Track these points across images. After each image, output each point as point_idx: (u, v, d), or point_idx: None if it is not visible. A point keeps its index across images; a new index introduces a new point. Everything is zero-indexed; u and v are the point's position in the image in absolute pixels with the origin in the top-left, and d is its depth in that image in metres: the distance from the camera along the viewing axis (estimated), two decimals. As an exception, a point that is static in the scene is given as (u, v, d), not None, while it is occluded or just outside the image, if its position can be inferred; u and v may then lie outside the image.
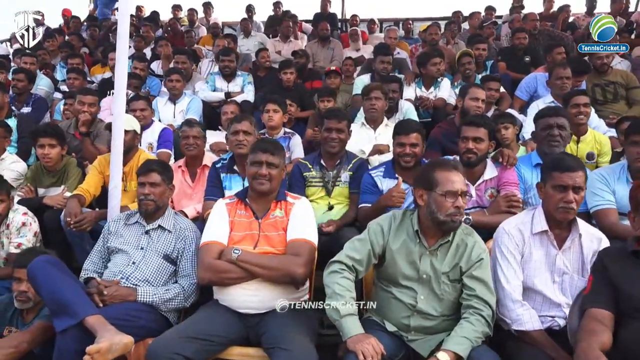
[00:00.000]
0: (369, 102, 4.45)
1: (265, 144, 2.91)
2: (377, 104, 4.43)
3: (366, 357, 2.13)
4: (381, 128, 4.43)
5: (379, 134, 4.36)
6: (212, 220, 2.83)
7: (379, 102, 4.44)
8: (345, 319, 2.31)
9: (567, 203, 2.43)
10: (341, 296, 2.37)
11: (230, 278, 2.63)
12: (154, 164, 3.14)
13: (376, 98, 4.44)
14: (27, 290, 2.83)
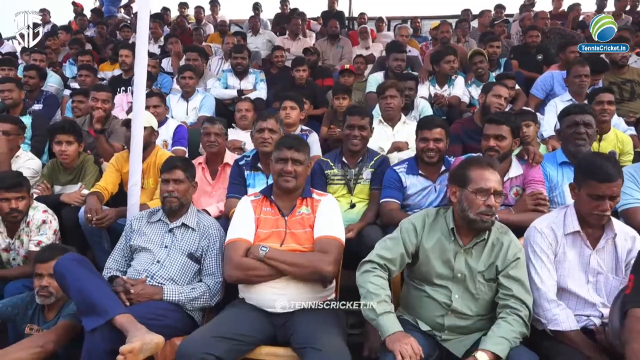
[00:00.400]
0: (385, 100, 4.40)
1: (290, 140, 2.87)
2: (393, 102, 4.38)
3: (404, 357, 2.09)
4: (399, 125, 4.39)
5: (397, 132, 4.32)
6: (238, 217, 2.79)
7: (395, 100, 4.39)
8: (382, 317, 2.27)
9: (603, 211, 2.38)
10: (376, 295, 2.33)
11: (257, 276, 2.59)
12: (178, 160, 3.10)
13: (391, 96, 4.39)
14: (48, 285, 2.80)
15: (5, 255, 3.34)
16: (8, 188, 3.16)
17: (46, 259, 2.81)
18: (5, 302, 2.91)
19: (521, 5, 9.41)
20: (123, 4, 11.60)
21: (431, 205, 3.46)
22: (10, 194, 3.17)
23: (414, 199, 3.48)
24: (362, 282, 2.41)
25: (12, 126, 4.25)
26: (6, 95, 5.06)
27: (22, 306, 2.91)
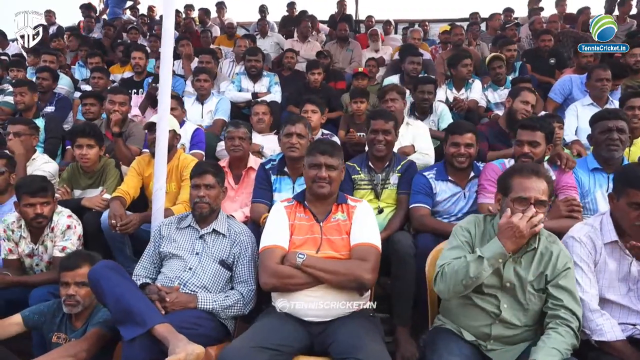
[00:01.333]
0: (386, 104, 4.36)
1: (324, 145, 2.82)
2: (395, 105, 4.34)
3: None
4: (403, 128, 4.27)
5: (402, 135, 4.18)
6: (272, 223, 2.73)
7: (396, 103, 4.35)
8: (482, 251, 2.28)
9: None
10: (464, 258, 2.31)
11: (295, 284, 2.53)
12: (209, 165, 3.04)
13: (392, 99, 4.36)
14: (75, 293, 2.72)
15: (29, 260, 3.27)
16: (33, 193, 3.10)
17: (72, 266, 2.74)
18: (32, 310, 2.84)
19: (530, 9, 9.37)
20: (128, 5, 11.52)
21: (460, 212, 3.42)
22: (35, 199, 3.10)
23: (443, 205, 3.43)
24: (447, 278, 2.32)
25: (23, 127, 4.20)
26: (19, 99, 5.00)
27: (49, 314, 2.84)
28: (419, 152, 4.03)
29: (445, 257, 2.45)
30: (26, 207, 3.11)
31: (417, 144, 4.14)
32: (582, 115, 4.69)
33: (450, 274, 2.31)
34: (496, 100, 5.66)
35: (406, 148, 4.10)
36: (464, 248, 2.43)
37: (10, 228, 3.23)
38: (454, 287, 2.31)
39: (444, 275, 2.34)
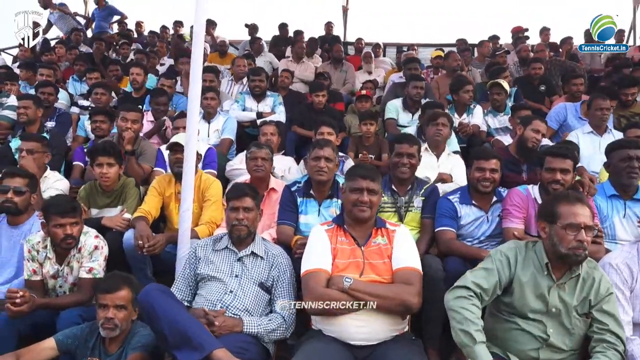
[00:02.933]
0: (436, 127, 4.41)
1: (365, 170, 2.86)
2: (444, 131, 4.41)
3: None
4: (444, 157, 4.40)
5: (442, 163, 4.32)
6: (314, 246, 2.75)
7: (445, 129, 4.43)
8: (478, 346, 2.28)
9: None
10: (473, 323, 2.33)
11: (341, 308, 2.54)
12: (247, 187, 3.04)
13: (443, 124, 4.42)
14: (113, 317, 2.66)
15: (53, 282, 3.19)
16: (63, 213, 3.03)
17: (111, 289, 2.69)
18: (65, 334, 2.77)
19: (515, 37, 9.69)
20: (115, 20, 11.42)
21: (483, 236, 3.50)
22: (65, 220, 3.04)
23: (466, 229, 3.51)
24: (456, 307, 2.39)
25: (36, 144, 4.12)
26: (22, 112, 4.90)
27: (82, 338, 2.77)
28: (456, 183, 4.11)
29: (475, 274, 2.51)
30: (56, 228, 3.04)
31: (455, 174, 4.23)
32: (582, 143, 4.89)
33: (455, 314, 2.38)
34: (496, 126, 5.81)
35: (445, 175, 4.18)
36: (493, 274, 2.48)
37: (35, 248, 3.15)
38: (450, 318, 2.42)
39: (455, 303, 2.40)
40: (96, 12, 11.30)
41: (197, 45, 3.36)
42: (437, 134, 4.46)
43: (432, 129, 4.51)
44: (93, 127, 5.00)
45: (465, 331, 2.31)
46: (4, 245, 3.44)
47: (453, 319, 2.39)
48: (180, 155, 3.68)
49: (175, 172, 3.75)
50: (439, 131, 4.47)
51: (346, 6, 11.84)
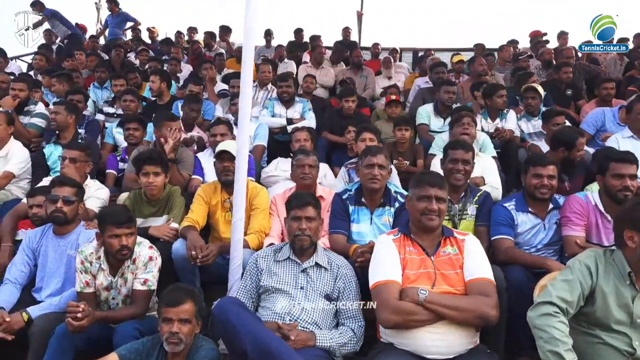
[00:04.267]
0: (462, 127, 4.36)
1: (433, 178, 2.79)
2: (470, 131, 4.35)
3: None
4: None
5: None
6: (383, 256, 2.68)
7: (471, 129, 4.37)
8: None
9: None
10: (563, 342, 2.24)
11: (417, 320, 2.47)
12: (309, 196, 2.97)
13: (468, 124, 4.37)
14: (178, 331, 2.58)
15: (105, 294, 3.11)
16: (119, 224, 2.96)
17: (176, 302, 2.60)
18: (127, 349, 2.68)
19: (534, 41, 9.63)
20: (129, 26, 11.37)
21: (540, 244, 3.42)
22: (121, 230, 2.96)
23: (523, 237, 3.43)
24: (543, 325, 2.31)
25: (79, 153, 4.06)
26: (53, 117, 4.85)
27: (144, 352, 2.68)
28: (489, 185, 4.03)
29: (557, 287, 2.41)
30: (111, 239, 2.96)
31: (487, 177, 4.14)
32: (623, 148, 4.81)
33: (542, 333, 2.30)
34: (530, 131, 5.72)
35: (477, 179, 4.09)
36: (576, 285, 2.40)
37: (88, 260, 3.07)
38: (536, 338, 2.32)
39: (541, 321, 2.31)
40: (109, 18, 11.24)
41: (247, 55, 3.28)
42: (464, 134, 4.39)
43: (458, 129, 4.46)
44: (126, 134, 4.94)
45: (554, 352, 2.22)
46: (50, 255, 3.37)
47: (540, 339, 2.30)
48: (228, 163, 3.63)
49: (223, 180, 3.67)
50: (465, 130, 4.40)
51: (360, 11, 11.78)
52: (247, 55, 3.31)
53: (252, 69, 3.36)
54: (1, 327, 2.92)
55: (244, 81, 3.31)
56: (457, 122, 4.43)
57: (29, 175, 4.82)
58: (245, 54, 3.32)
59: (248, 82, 3.32)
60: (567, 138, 4.21)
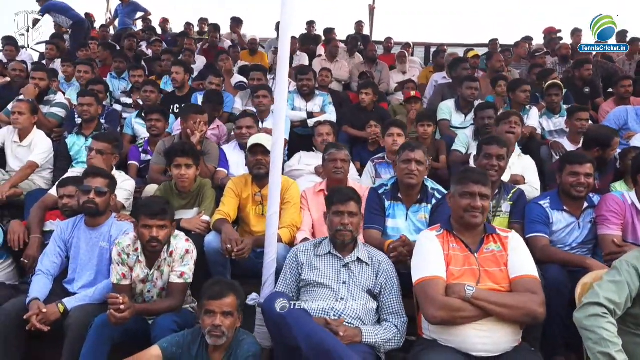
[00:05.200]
0: (509, 125, 4.31)
1: (476, 175, 2.77)
2: (516, 130, 4.32)
3: None
4: (514, 158, 4.28)
5: (513, 164, 4.21)
6: (427, 252, 2.66)
7: (517, 128, 4.33)
8: None
9: None
10: (613, 343, 2.22)
11: (464, 317, 2.45)
12: (351, 191, 2.95)
13: (515, 123, 4.33)
14: (221, 324, 2.56)
15: (141, 286, 3.08)
16: (152, 215, 2.93)
17: (219, 295, 2.59)
18: (169, 342, 2.66)
19: (548, 38, 9.59)
20: (139, 16, 11.29)
21: (575, 242, 3.40)
22: (153, 222, 2.93)
23: (558, 236, 3.41)
24: (592, 326, 2.29)
25: (106, 145, 4.03)
26: (85, 109, 4.80)
27: (185, 345, 2.67)
28: (529, 185, 4.02)
29: (605, 288, 2.37)
30: (143, 229, 2.94)
31: (527, 176, 4.13)
32: (649, 145, 4.80)
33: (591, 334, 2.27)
34: (551, 129, 5.70)
35: (518, 177, 4.08)
36: (623, 287, 2.37)
37: (125, 252, 3.04)
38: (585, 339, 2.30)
39: (590, 322, 2.29)
40: (119, 8, 11.16)
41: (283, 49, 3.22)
42: (510, 133, 4.36)
43: (505, 127, 4.39)
44: (148, 125, 4.91)
45: (605, 353, 2.20)
46: (82, 247, 3.34)
47: (589, 340, 2.27)
48: (261, 157, 3.61)
49: (255, 173, 3.65)
50: (512, 129, 4.36)
51: (373, 5, 11.72)
52: (284, 50, 3.25)
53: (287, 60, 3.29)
54: (38, 318, 2.91)
55: (279, 75, 3.24)
56: (503, 120, 4.38)
57: (51, 165, 4.80)
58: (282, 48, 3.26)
59: (284, 77, 3.24)
60: (603, 138, 4.19)
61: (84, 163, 4.70)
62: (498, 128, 4.40)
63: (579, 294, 2.73)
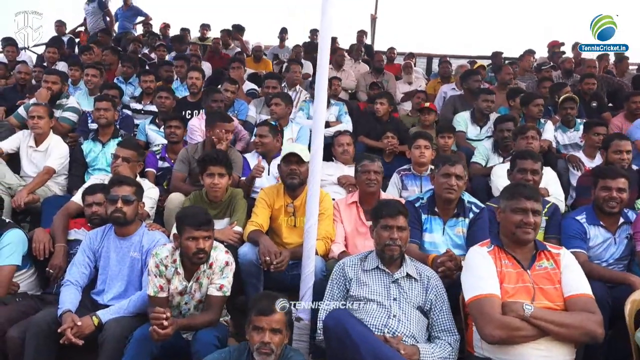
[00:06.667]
0: (526, 140, 4.33)
1: (529, 190, 2.74)
2: (534, 144, 4.33)
3: None
4: None
5: None
6: (480, 269, 2.61)
7: (535, 142, 4.34)
8: None
9: None
10: None
11: (522, 336, 2.41)
12: (401, 205, 2.90)
13: (532, 137, 4.35)
14: (270, 341, 2.48)
15: (178, 299, 2.99)
16: (198, 226, 2.84)
17: (268, 311, 2.50)
18: (214, 358, 2.58)
19: (551, 52, 9.69)
20: (139, 21, 11.18)
21: (611, 258, 3.41)
22: (199, 233, 2.84)
23: (594, 251, 3.41)
24: None
25: (132, 152, 3.95)
26: (102, 114, 4.68)
27: None
28: (554, 197, 4.01)
29: None
30: (188, 241, 2.85)
31: (551, 189, 4.12)
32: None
33: None
34: (565, 142, 5.71)
35: (542, 190, 4.06)
36: None
37: (163, 263, 2.95)
38: None
39: None
40: (119, 12, 11.03)
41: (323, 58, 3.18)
42: (529, 146, 4.36)
43: (523, 142, 4.42)
44: (167, 132, 4.82)
45: None
46: (112, 258, 3.25)
47: None
48: (295, 167, 3.55)
49: (289, 183, 3.58)
50: (529, 144, 4.37)
51: (374, 15, 11.75)
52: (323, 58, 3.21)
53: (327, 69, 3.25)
54: (72, 331, 2.80)
55: (319, 84, 3.22)
56: (521, 134, 4.40)
57: (66, 171, 4.68)
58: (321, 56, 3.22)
59: (323, 86, 3.21)
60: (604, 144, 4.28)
61: (100, 170, 4.62)
62: (516, 142, 4.41)
63: (628, 311, 2.72)
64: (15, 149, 4.57)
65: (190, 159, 4.39)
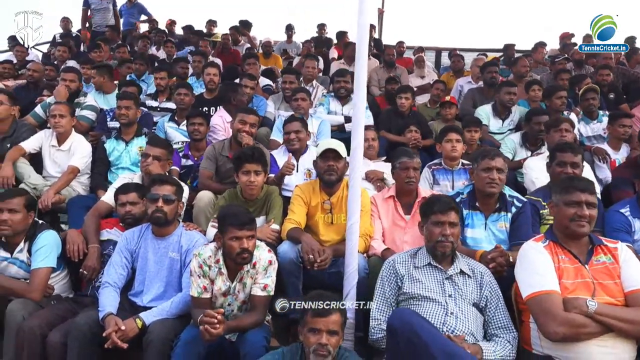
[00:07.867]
0: (560, 133, 4.27)
1: (583, 183, 2.68)
2: (568, 136, 4.26)
3: None
4: None
5: None
6: (538, 265, 2.55)
7: (569, 134, 4.28)
8: None
9: None
10: None
11: (587, 333, 2.35)
12: (452, 201, 2.83)
13: (566, 130, 4.29)
14: (327, 342, 2.41)
15: (222, 299, 2.92)
16: (241, 225, 2.77)
17: (326, 312, 2.43)
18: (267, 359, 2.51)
19: (563, 43, 9.63)
20: (143, 19, 11.07)
21: (654, 251, 3.34)
22: (243, 233, 2.77)
23: (637, 245, 3.35)
24: None
25: (162, 150, 3.88)
26: (124, 112, 4.58)
27: None
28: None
29: None
30: (232, 241, 2.77)
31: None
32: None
33: None
34: (588, 134, 5.65)
35: None
36: None
37: (207, 263, 2.87)
38: None
39: None
40: (124, 8, 10.89)
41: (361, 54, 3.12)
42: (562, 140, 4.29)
43: (557, 134, 4.35)
44: (191, 129, 4.73)
45: None
46: (150, 258, 3.18)
47: None
48: (333, 163, 3.49)
49: (326, 180, 3.51)
50: (563, 137, 4.31)
51: (382, 9, 11.64)
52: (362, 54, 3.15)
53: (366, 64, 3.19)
54: (117, 335, 2.73)
55: (358, 80, 3.15)
56: (554, 127, 4.33)
57: (89, 170, 4.59)
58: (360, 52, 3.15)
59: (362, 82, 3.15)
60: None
61: (124, 169, 4.55)
62: (549, 135, 4.34)
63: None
64: (37, 149, 4.47)
65: (217, 155, 4.31)
